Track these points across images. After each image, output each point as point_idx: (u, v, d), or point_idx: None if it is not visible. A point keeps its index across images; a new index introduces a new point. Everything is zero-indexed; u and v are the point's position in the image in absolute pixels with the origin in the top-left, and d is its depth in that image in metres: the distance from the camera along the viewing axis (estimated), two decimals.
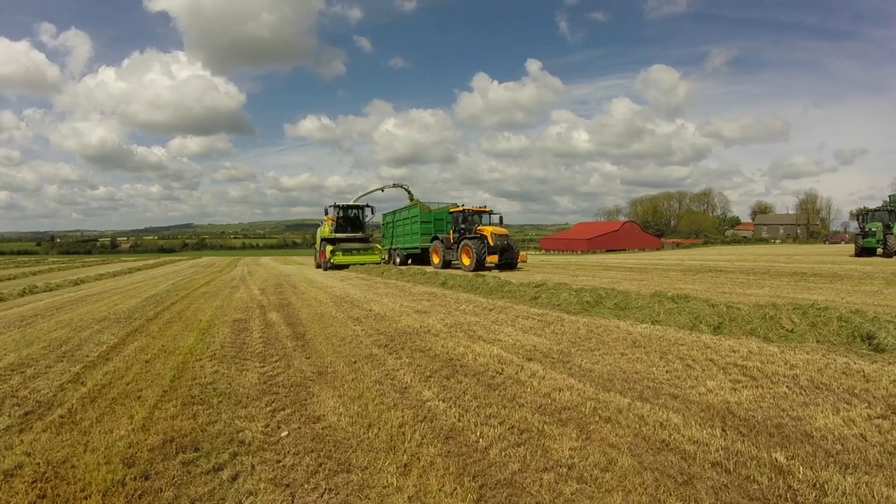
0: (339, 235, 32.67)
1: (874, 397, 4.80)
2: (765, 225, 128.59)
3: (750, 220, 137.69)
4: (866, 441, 3.90)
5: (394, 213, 36.51)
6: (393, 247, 35.46)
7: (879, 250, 31.13)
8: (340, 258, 30.81)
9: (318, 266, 33.85)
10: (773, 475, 3.39)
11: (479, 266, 23.96)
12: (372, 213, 35.12)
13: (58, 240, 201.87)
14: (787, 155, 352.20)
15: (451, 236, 27.37)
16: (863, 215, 34.73)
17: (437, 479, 3.40)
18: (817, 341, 6.94)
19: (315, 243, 37.00)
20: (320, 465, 3.64)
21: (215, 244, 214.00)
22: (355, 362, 6.63)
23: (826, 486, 3.21)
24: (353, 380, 5.80)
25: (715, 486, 3.28)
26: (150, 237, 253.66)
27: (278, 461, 3.73)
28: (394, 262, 33.41)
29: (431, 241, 29.39)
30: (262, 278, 23.39)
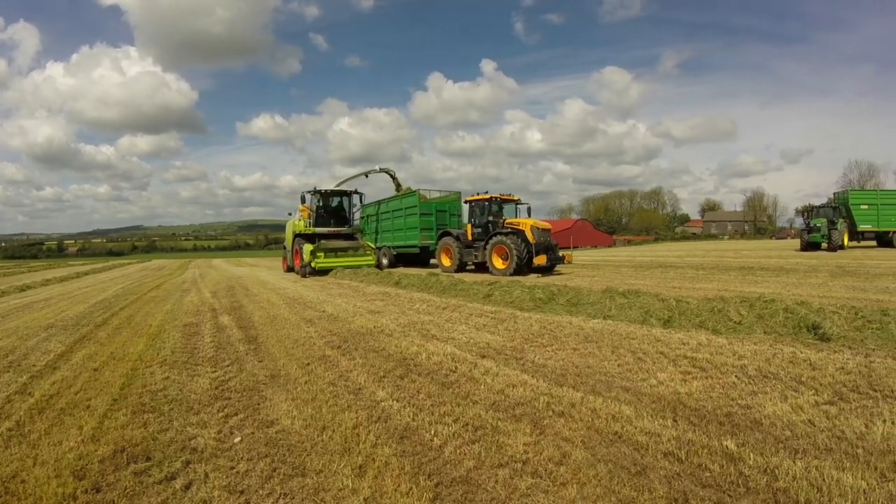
0: (319, 230, 25.37)
1: (821, 384, 4.96)
2: (713, 222, 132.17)
3: (699, 217, 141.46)
4: (815, 426, 4.03)
5: (378, 203, 30.48)
6: (378, 245, 28.60)
7: (824, 245, 32.41)
8: (324, 261, 23.67)
9: (290, 270, 26.91)
10: (724, 462, 3.48)
11: (519, 270, 19.36)
12: (361, 201, 27.57)
13: (2, 244, 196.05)
14: (735, 154, 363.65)
15: (469, 231, 22.47)
16: (808, 212, 36.14)
17: (392, 479, 3.40)
18: (764, 332, 7.13)
19: (285, 241, 29.43)
20: (275, 470, 3.61)
21: (165, 246, 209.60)
22: (308, 364, 6.59)
23: (777, 471, 3.31)
24: (306, 382, 5.76)
25: (668, 476, 3.35)
26: (99, 240, 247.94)
27: (232, 468, 3.68)
28: (379, 265, 25.78)
29: (439, 238, 24.19)
30: (213, 281, 22.99)
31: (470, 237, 22.40)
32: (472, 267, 22.59)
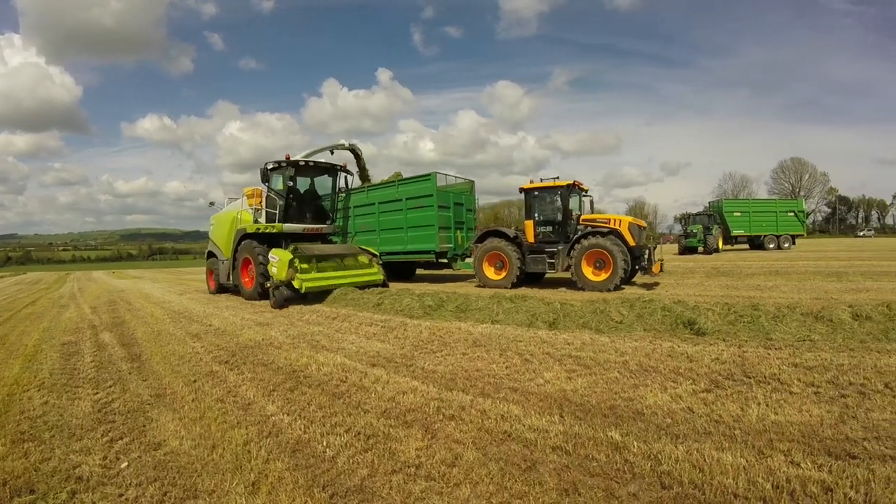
0: (288, 228, 15.29)
1: (698, 374, 5.36)
2: None
3: None
4: (694, 413, 4.38)
5: (352, 192, 18.84)
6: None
7: (700, 249, 35.50)
8: (314, 279, 14.05)
9: (223, 291, 18.04)
10: (610, 452, 3.72)
11: (620, 282, 14.18)
12: (348, 183, 17.31)
13: None
14: (619, 166, 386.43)
15: (531, 231, 16.05)
16: (686, 219, 39.35)
17: (286, 494, 3.41)
18: (644, 330, 7.53)
19: (211, 246, 18.67)
20: (165, 494, 3.53)
21: (42, 257, 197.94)
22: (195, 381, 6.43)
23: (660, 456, 3.58)
24: (193, 400, 5.64)
25: (557, 468, 3.54)
26: None
27: (120, 495, 3.57)
28: (385, 282, 16.27)
29: (480, 240, 17.07)
30: (93, 295, 21.80)
31: (534, 239, 16.12)
32: (557, 274, 16.15)
